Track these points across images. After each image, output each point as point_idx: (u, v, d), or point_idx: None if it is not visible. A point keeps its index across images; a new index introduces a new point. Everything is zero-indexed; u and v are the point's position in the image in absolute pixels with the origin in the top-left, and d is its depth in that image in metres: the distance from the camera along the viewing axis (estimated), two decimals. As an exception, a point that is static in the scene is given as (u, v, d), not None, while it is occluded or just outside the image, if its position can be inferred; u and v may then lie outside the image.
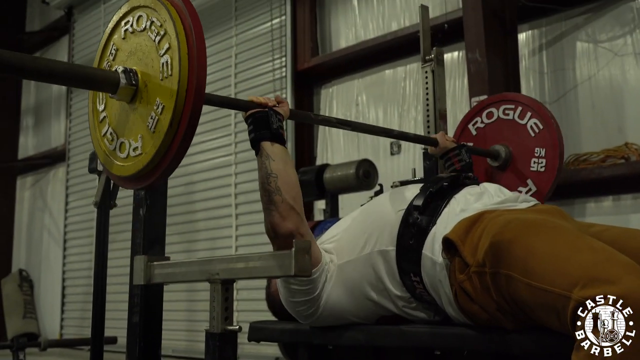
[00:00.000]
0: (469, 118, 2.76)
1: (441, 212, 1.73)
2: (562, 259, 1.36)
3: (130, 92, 1.46)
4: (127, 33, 1.54)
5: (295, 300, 1.80)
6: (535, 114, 2.58)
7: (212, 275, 1.56)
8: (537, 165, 2.55)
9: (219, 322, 1.53)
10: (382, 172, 3.95)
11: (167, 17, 1.41)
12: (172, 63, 1.37)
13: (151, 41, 1.45)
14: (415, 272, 1.69)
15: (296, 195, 1.75)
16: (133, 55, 1.51)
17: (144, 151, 1.43)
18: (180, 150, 1.38)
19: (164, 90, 1.38)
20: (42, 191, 8.00)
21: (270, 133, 1.76)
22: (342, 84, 5.00)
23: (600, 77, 3.67)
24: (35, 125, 8.32)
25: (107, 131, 1.56)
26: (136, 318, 1.81)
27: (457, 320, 1.65)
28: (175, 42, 1.37)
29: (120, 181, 1.54)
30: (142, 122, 1.44)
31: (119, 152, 1.51)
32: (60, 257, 7.22)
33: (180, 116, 1.36)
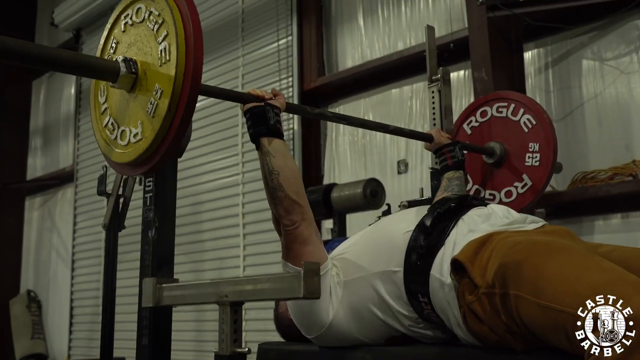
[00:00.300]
0: (464, 117, 2.82)
1: (449, 233, 1.73)
2: (572, 278, 1.36)
3: (130, 81, 1.50)
4: (127, 26, 1.60)
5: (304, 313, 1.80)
6: (528, 110, 2.63)
7: (220, 298, 1.56)
8: (532, 160, 2.60)
9: (228, 345, 1.53)
10: (389, 191, 3.96)
11: (165, 5, 1.46)
12: (170, 49, 1.42)
13: (150, 30, 1.51)
14: (423, 293, 1.69)
15: (298, 189, 1.80)
16: (132, 46, 1.56)
17: (144, 136, 1.47)
18: (178, 133, 1.42)
19: (163, 75, 1.43)
20: (50, 212, 8.03)
21: (267, 128, 1.82)
22: (349, 104, 5.01)
23: (606, 94, 3.67)
24: (43, 146, 8.37)
25: (109, 122, 1.61)
26: (145, 340, 1.81)
27: (466, 341, 1.64)
28: (173, 28, 1.42)
29: (120, 168, 1.58)
30: (141, 109, 1.49)
31: (119, 140, 1.56)
32: (69, 277, 7.22)
33: (178, 99, 1.40)
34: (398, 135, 2.64)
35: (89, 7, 6.87)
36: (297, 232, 1.78)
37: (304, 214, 1.79)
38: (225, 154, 5.44)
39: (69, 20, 7.19)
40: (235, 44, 5.58)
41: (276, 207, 1.79)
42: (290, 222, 1.78)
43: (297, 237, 1.78)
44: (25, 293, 7.78)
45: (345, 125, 2.19)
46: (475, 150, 2.66)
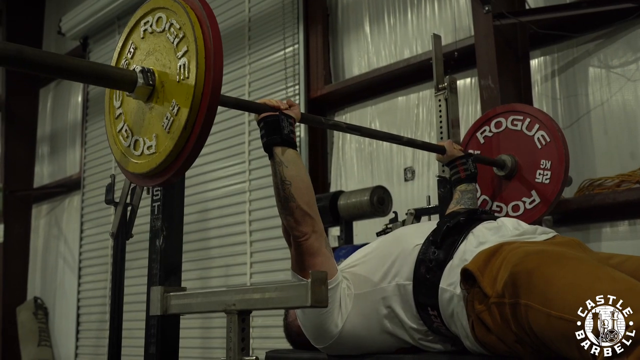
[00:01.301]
0: (478, 126, 2.80)
1: (458, 246, 1.73)
2: (583, 288, 1.35)
3: (147, 92, 1.50)
4: (147, 33, 1.58)
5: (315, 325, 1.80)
6: (543, 127, 2.61)
7: (228, 306, 1.56)
8: (542, 177, 2.59)
9: (235, 353, 1.53)
10: (396, 198, 3.95)
11: (187, 20, 1.45)
12: (190, 66, 1.41)
13: (169, 43, 1.49)
14: (433, 305, 1.68)
15: (310, 200, 1.79)
16: (151, 55, 1.55)
17: (158, 150, 1.46)
18: (193, 152, 1.42)
19: (180, 92, 1.42)
20: (57, 219, 8.05)
21: (281, 138, 1.80)
22: (356, 111, 5.02)
23: (613, 102, 3.67)
24: (50, 153, 8.40)
25: (123, 128, 1.61)
26: (153, 349, 1.82)
27: (474, 352, 1.64)
28: (194, 46, 1.41)
29: (133, 178, 1.57)
30: (157, 122, 1.48)
31: (133, 149, 1.55)
32: (75, 285, 7.23)
33: (195, 119, 1.39)
34: (410, 146, 2.64)
35: (96, 16, 6.90)
36: (307, 244, 1.77)
37: (314, 225, 1.78)
38: (232, 161, 5.45)
39: (76, 28, 7.23)
40: (242, 52, 5.60)
41: (287, 217, 1.78)
42: (301, 233, 1.76)
43: (307, 249, 1.77)
44: (32, 300, 7.79)
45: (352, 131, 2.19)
46: (486, 163, 2.64)
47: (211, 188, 5.58)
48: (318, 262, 1.76)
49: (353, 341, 1.79)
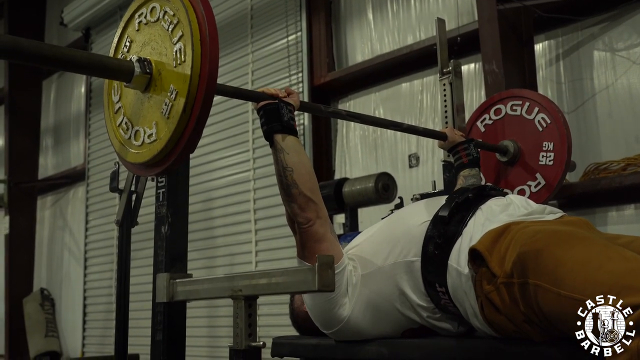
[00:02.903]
0: (477, 115, 2.80)
1: (467, 223, 1.72)
2: (593, 267, 1.34)
3: (145, 81, 1.49)
4: (141, 25, 1.58)
5: (322, 309, 1.80)
6: (542, 109, 2.61)
7: (235, 292, 1.56)
8: (546, 159, 2.59)
9: (242, 339, 1.53)
10: (401, 185, 3.95)
11: (180, 5, 1.45)
12: (186, 49, 1.41)
13: (164, 30, 1.49)
14: (441, 283, 1.68)
15: (312, 186, 1.79)
16: (147, 45, 1.55)
17: (159, 137, 1.46)
18: (193, 135, 1.41)
19: (178, 76, 1.41)
20: (62, 210, 8.07)
21: (281, 125, 1.79)
22: (359, 98, 5.00)
23: (618, 85, 3.64)
24: (54, 145, 8.41)
25: (122, 121, 1.60)
26: (159, 336, 1.81)
27: (482, 331, 1.64)
28: (188, 29, 1.41)
29: (135, 168, 1.57)
30: (156, 109, 1.47)
31: (134, 140, 1.55)
32: (81, 275, 7.26)
33: (193, 100, 1.39)
34: (411, 133, 2.63)
35: (98, 6, 6.88)
36: (312, 230, 1.77)
37: (318, 211, 1.77)
38: (236, 150, 5.45)
39: (78, 19, 7.21)
40: (245, 41, 5.58)
41: (290, 204, 1.78)
42: (305, 219, 1.76)
43: (312, 235, 1.77)
44: (38, 291, 7.82)
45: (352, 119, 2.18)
46: (488, 149, 2.64)
47: (215, 177, 5.58)
48: (324, 248, 1.76)
49: (361, 324, 1.79)
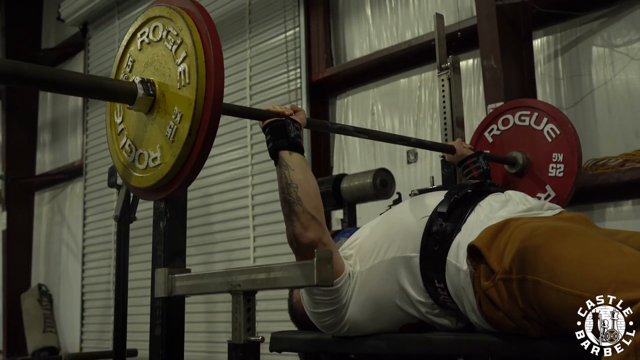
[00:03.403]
0: (485, 125, 2.74)
1: (466, 219, 1.72)
2: (592, 263, 1.35)
3: (148, 103, 1.46)
4: (144, 44, 1.54)
5: (319, 311, 1.80)
6: (551, 120, 2.56)
7: (233, 287, 1.56)
8: (556, 171, 2.54)
9: (241, 333, 1.53)
10: (399, 180, 3.95)
11: (184, 25, 1.41)
12: (190, 71, 1.37)
13: (168, 50, 1.45)
14: (439, 278, 1.68)
15: (317, 205, 1.74)
16: (150, 66, 1.51)
17: (163, 161, 1.42)
18: (200, 159, 1.38)
19: (182, 98, 1.38)
20: (60, 206, 8.06)
21: (287, 142, 1.77)
22: (357, 94, 5.00)
23: (616, 81, 3.64)
24: (52, 141, 8.39)
25: (126, 143, 1.56)
26: (158, 330, 1.81)
27: (481, 327, 1.64)
28: (192, 50, 1.37)
29: (140, 192, 1.54)
30: (160, 132, 1.44)
31: (137, 163, 1.51)
32: (79, 271, 7.26)
33: (199, 124, 1.35)
34: (420, 147, 2.59)
35: (96, 1, 6.87)
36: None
37: (321, 232, 1.73)
38: (234, 145, 5.44)
39: (76, 14, 7.19)
40: (243, 36, 5.57)
41: (293, 223, 1.73)
42: (308, 240, 1.72)
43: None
44: (36, 287, 7.82)
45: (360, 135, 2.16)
46: (497, 161, 2.59)
47: (213, 173, 5.57)
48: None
49: (360, 320, 1.79)
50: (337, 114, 5.10)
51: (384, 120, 4.77)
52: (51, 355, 4.24)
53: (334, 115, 5.10)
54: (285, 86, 5.17)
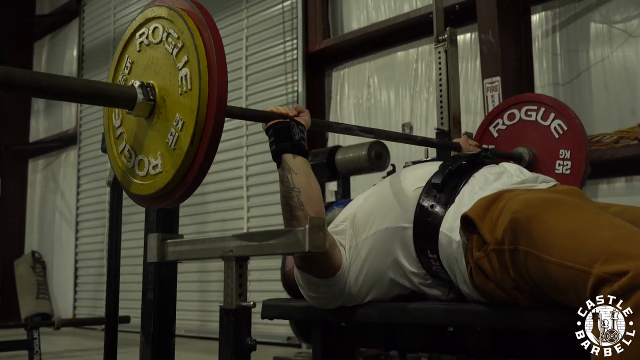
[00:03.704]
0: (490, 120, 2.67)
1: (460, 190, 1.72)
2: (583, 235, 1.35)
3: (148, 108, 1.40)
4: (143, 45, 1.47)
5: (316, 296, 1.80)
6: (559, 115, 2.48)
7: (226, 252, 1.56)
8: (562, 168, 2.46)
9: (233, 299, 1.53)
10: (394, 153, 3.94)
11: (185, 28, 1.34)
12: (192, 77, 1.31)
13: (168, 54, 1.39)
14: (432, 249, 1.68)
15: (319, 210, 1.71)
16: (149, 68, 1.44)
17: (164, 169, 1.37)
18: (202, 169, 1.32)
19: (184, 105, 1.32)
20: (53, 174, 8.05)
21: (291, 145, 1.72)
22: (354, 66, 4.98)
23: (614, 58, 3.64)
24: (46, 108, 8.35)
25: (125, 148, 1.50)
26: (150, 295, 1.82)
27: (472, 298, 1.65)
28: (194, 54, 1.30)
29: (139, 200, 1.49)
30: (161, 139, 1.38)
31: (137, 170, 1.45)
32: (73, 238, 7.27)
33: (201, 133, 1.30)
34: (424, 145, 2.54)
35: (91, -33, 6.80)
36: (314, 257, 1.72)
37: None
38: (229, 116, 5.42)
39: (71, -19, 7.13)
40: (239, 6, 5.53)
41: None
42: None
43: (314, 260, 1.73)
44: (29, 254, 7.84)
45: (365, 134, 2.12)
46: (503, 157, 2.51)
47: (208, 143, 5.55)
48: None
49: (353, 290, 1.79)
50: (332, 86, 5.08)
51: (380, 93, 4.76)
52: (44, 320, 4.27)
53: (329, 87, 5.09)
54: (282, 57, 5.15)
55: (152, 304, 1.80)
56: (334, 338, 2.00)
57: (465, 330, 1.70)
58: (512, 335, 1.64)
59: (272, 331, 4.69)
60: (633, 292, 1.20)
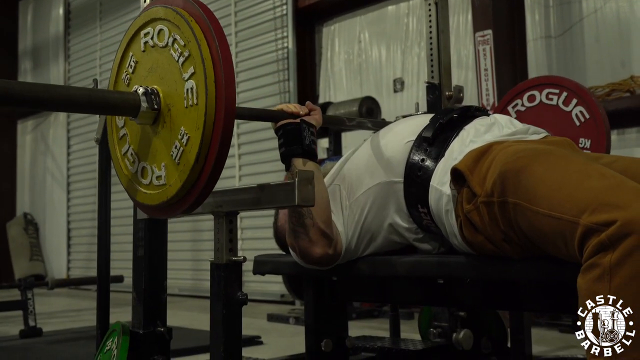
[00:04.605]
0: (509, 99, 2.60)
1: (450, 143, 1.70)
2: (572, 186, 1.34)
3: (152, 116, 1.35)
4: (148, 46, 1.41)
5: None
6: (581, 102, 2.39)
7: (215, 208, 1.56)
8: None
9: (223, 254, 1.53)
10: (385, 109, 3.93)
11: (192, 37, 1.28)
12: (198, 91, 1.25)
13: (174, 61, 1.33)
14: (423, 203, 1.68)
15: (327, 218, 1.69)
16: (154, 72, 1.38)
17: (169, 183, 1.33)
18: (207, 186, 1.29)
19: (189, 119, 1.27)
20: (43, 135, 7.99)
21: (302, 149, 1.69)
22: (344, 21, 4.92)
23: (607, 9, 3.60)
24: (33, 68, 8.25)
25: (128, 151, 1.46)
26: (141, 252, 1.82)
27: (462, 251, 1.65)
28: (202, 68, 1.25)
29: (146, 210, 1.46)
30: (165, 149, 1.34)
31: (141, 177, 1.42)
32: (65, 199, 7.26)
33: (207, 150, 1.25)
34: None
35: None
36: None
37: (328, 247, 1.69)
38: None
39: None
40: (227, -40, 5.43)
41: (299, 236, 1.68)
42: (315, 256, 1.69)
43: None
44: (21, 216, 7.83)
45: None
46: None
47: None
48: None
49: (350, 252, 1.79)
50: (323, 42, 5.03)
51: (371, 48, 4.71)
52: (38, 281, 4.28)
53: (320, 43, 5.03)
54: (271, 13, 5.07)
55: (143, 261, 1.80)
56: (326, 293, 2.01)
57: (455, 282, 1.70)
58: (501, 286, 1.65)
59: (266, 289, 4.73)
60: (621, 241, 1.20)
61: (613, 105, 3.30)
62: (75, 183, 7.16)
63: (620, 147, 3.45)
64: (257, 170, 5.03)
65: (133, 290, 1.83)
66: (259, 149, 4.97)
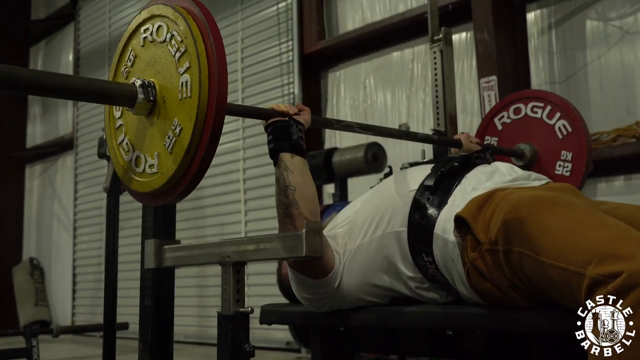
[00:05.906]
0: (495, 111, 2.66)
1: (453, 191, 1.71)
2: (576, 236, 1.34)
3: (148, 107, 1.42)
4: (147, 41, 1.48)
5: (309, 297, 1.80)
6: (564, 116, 2.46)
7: (223, 258, 1.55)
8: (562, 169, 2.44)
9: (230, 304, 1.53)
10: (391, 154, 3.94)
11: (188, 33, 1.35)
12: (192, 85, 1.32)
13: (171, 56, 1.40)
14: (428, 252, 1.68)
15: (314, 210, 1.71)
16: (152, 66, 1.46)
17: (160, 171, 1.39)
18: (197, 175, 1.35)
19: (183, 111, 1.34)
20: (51, 179, 8.03)
21: (289, 144, 1.72)
22: (350, 67, 4.97)
23: (610, 55, 3.63)
24: (42, 113, 8.33)
25: (124, 141, 1.53)
26: (148, 301, 1.81)
27: (470, 299, 1.64)
28: (196, 62, 1.32)
29: (137, 196, 1.51)
30: (159, 139, 1.40)
31: (135, 165, 1.48)
32: (71, 244, 7.25)
33: (198, 140, 1.32)
34: (425, 142, 2.51)
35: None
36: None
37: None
38: (226, 119, 5.40)
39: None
40: (234, 8, 5.52)
41: (286, 226, 1.70)
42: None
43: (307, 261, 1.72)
44: (27, 260, 7.81)
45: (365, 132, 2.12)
46: (505, 154, 2.50)
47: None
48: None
49: (348, 297, 1.79)
50: (329, 88, 5.07)
51: (376, 94, 4.75)
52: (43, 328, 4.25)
53: (325, 89, 5.08)
54: (277, 59, 5.14)
55: (150, 311, 1.79)
56: (333, 343, 1.99)
57: (464, 333, 1.69)
58: (512, 338, 1.63)
59: (271, 336, 4.68)
60: (628, 293, 1.20)
61: (619, 151, 3.30)
62: (81, 228, 7.16)
63: (627, 192, 3.44)
64: (263, 215, 5.03)
65: (139, 341, 1.82)
66: (264, 194, 4.97)
